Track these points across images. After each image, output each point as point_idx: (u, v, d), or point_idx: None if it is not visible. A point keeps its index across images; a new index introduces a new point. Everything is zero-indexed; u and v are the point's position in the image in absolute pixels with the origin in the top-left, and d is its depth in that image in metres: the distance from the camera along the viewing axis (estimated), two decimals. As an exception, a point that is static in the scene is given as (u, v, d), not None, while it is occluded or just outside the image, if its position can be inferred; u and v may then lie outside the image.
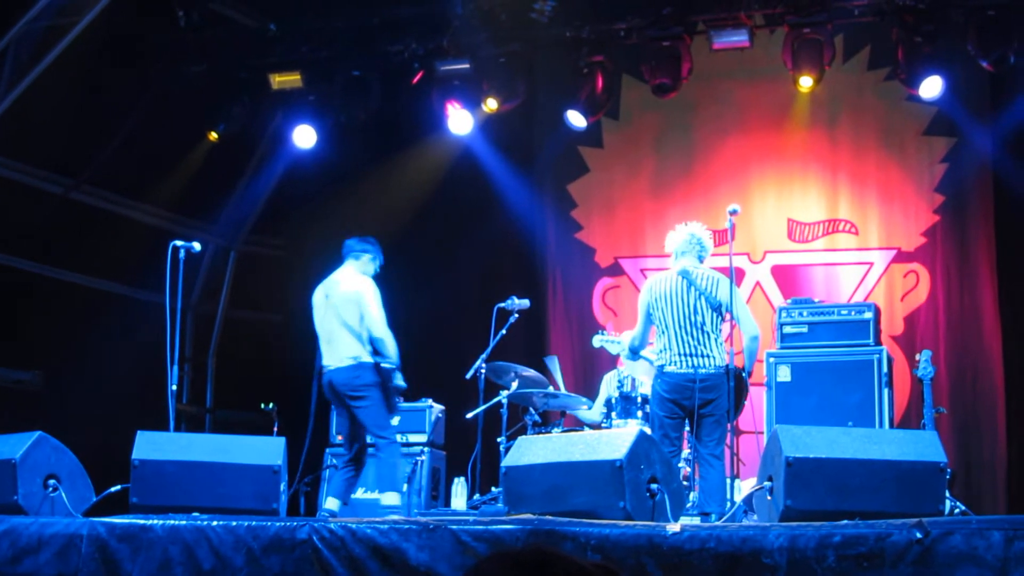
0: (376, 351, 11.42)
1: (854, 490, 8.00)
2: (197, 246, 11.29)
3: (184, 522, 8.52)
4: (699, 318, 10.61)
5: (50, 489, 9.63)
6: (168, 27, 15.17)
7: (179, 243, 11.18)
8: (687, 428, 10.82)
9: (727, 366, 10.58)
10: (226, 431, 12.93)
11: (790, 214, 15.31)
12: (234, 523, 8.39)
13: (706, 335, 10.60)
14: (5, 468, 9.50)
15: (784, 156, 15.43)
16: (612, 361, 13.58)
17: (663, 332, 10.71)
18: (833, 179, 15.24)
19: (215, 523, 8.42)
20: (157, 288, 11.19)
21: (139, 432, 9.60)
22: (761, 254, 15.25)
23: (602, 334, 12.90)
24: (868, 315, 12.73)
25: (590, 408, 13.05)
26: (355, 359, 11.40)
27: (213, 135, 15.87)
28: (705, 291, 10.65)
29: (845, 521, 7.46)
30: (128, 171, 16.12)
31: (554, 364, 13.59)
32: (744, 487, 10.78)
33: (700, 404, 10.39)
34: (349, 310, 11.52)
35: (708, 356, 10.55)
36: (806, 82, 14.02)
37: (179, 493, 9.26)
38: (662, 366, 10.69)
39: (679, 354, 10.58)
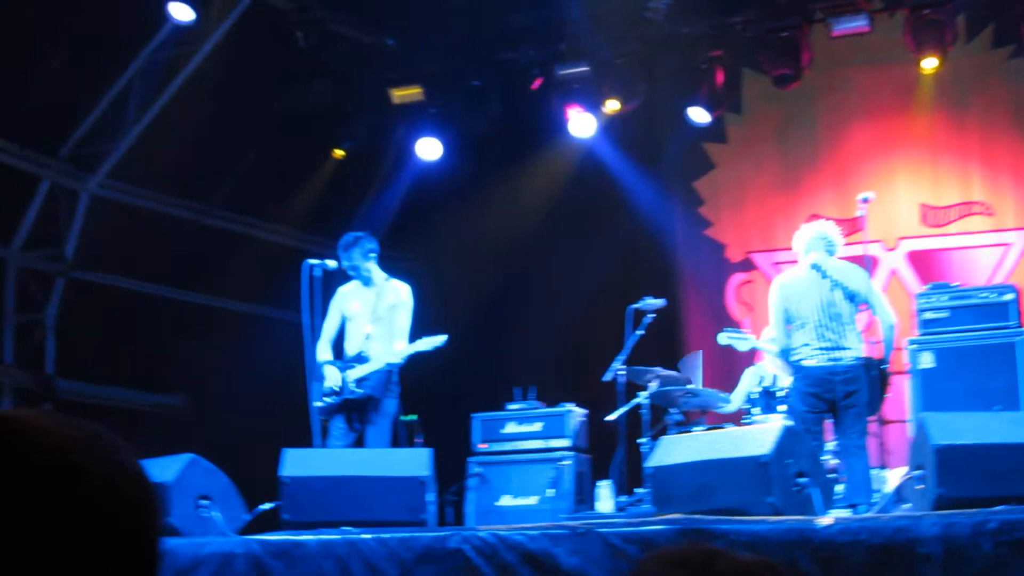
0: None
1: (1006, 475, 7.90)
2: (331, 263, 11.39)
3: (336, 537, 8.60)
4: (836, 310, 10.53)
5: (203, 509, 9.76)
6: (288, 49, 15.33)
7: (313, 261, 11.28)
8: (829, 420, 10.73)
9: (867, 357, 10.50)
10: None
11: (922, 199, 15.14)
12: (385, 535, 8.46)
13: (844, 327, 10.52)
14: (159, 491, 9.64)
15: (912, 140, 15.27)
16: (751, 356, 13.52)
17: (801, 327, 10.64)
18: (964, 161, 15.05)
19: (367, 536, 8.50)
20: (292, 307, 11.31)
21: (286, 450, 9.71)
22: (895, 241, 15.10)
23: (728, 332, 12.83)
24: (1009, 296, 12.54)
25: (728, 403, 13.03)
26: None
27: (339, 152, 16.04)
28: (840, 282, 10.57)
29: (1000, 507, 7.37)
30: (257, 193, 16.34)
31: (697, 360, 13.54)
32: (893, 477, 10.67)
33: (842, 396, 10.32)
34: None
35: (847, 348, 10.47)
36: (930, 64, 13.89)
37: (329, 508, 9.35)
38: (799, 361, 10.62)
39: (818, 348, 10.51)
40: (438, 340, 11.15)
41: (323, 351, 11.49)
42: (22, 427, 1.78)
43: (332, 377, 11.22)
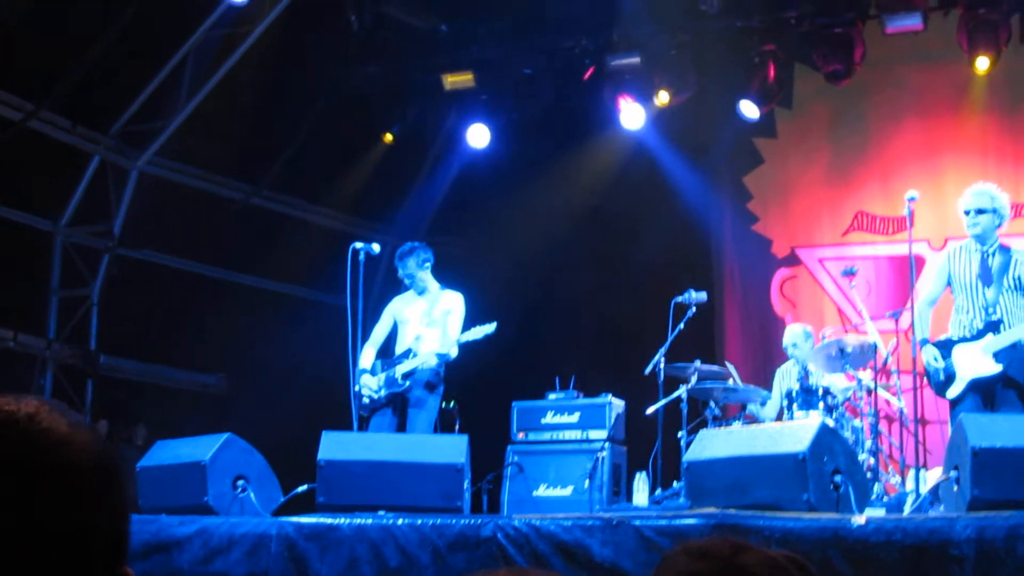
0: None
1: (1043, 479, 7.84)
2: (377, 247, 11.40)
3: (370, 521, 8.61)
4: None
5: (239, 490, 9.78)
6: (341, 31, 15.36)
7: (359, 245, 11.28)
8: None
9: None
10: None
11: (970, 199, 15.03)
12: (419, 521, 8.47)
13: None
14: (195, 470, 9.69)
15: (962, 140, 15.18)
16: (783, 355, 13.49)
17: None
18: (1015, 162, 14.95)
19: (400, 522, 8.51)
20: (338, 290, 11.32)
21: (324, 432, 9.72)
22: (942, 240, 15.01)
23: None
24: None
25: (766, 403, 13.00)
26: None
27: (388, 137, 16.05)
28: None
29: (1035, 511, 7.32)
30: (305, 175, 16.39)
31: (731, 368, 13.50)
32: (930, 477, 10.61)
33: None
34: None
35: None
36: (983, 64, 13.79)
37: (364, 492, 9.35)
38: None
39: None
40: (488, 328, 11.17)
41: (367, 356, 11.54)
42: None
43: (369, 384, 11.27)
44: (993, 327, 9.79)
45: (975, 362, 9.76)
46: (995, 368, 9.67)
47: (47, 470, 1.80)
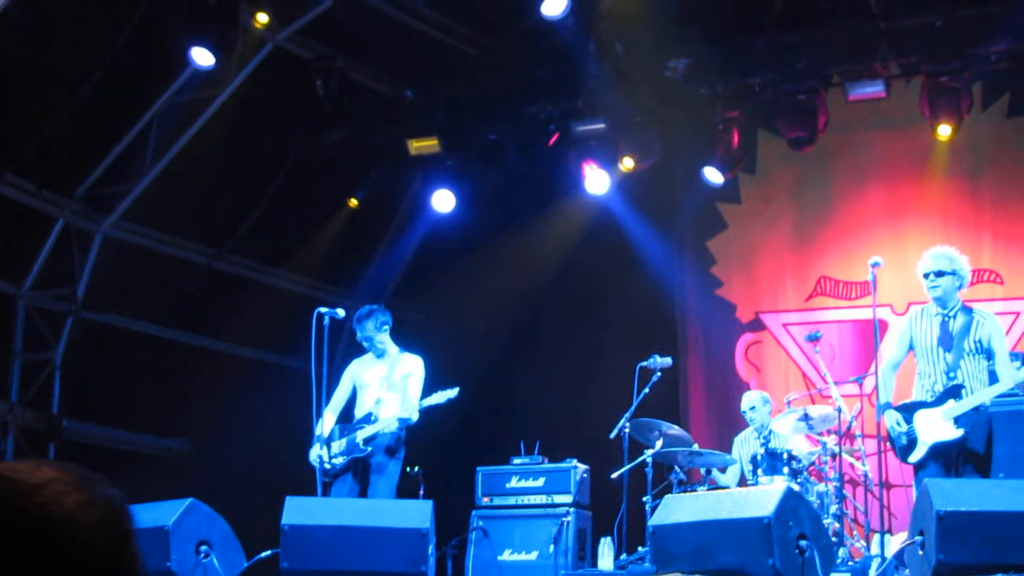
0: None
1: (1007, 543, 7.87)
2: (341, 312, 11.39)
3: (334, 586, 8.58)
4: None
5: (202, 555, 9.74)
6: (307, 96, 15.40)
7: (323, 310, 11.27)
8: None
9: None
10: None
11: (933, 265, 15.12)
12: (384, 586, 8.44)
13: None
14: (158, 535, 9.63)
15: (924, 206, 15.29)
16: (744, 421, 13.52)
17: None
18: (976, 228, 15.05)
19: (365, 587, 8.47)
20: (302, 354, 11.29)
21: (288, 497, 9.70)
22: (905, 305, 15.07)
23: None
24: (1016, 365, 12.55)
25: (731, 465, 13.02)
26: None
27: (353, 201, 16.06)
28: None
29: (999, 575, 7.34)
30: (270, 239, 16.36)
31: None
32: (895, 542, 10.62)
33: None
34: None
35: None
36: (945, 131, 13.89)
37: (329, 557, 9.32)
38: None
39: None
40: (451, 393, 11.16)
41: (327, 423, 11.46)
42: None
43: (321, 455, 11.18)
44: (954, 392, 9.83)
45: (936, 427, 9.79)
46: (956, 433, 9.71)
47: (39, 547, 1.74)
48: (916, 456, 9.85)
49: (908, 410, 9.98)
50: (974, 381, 9.84)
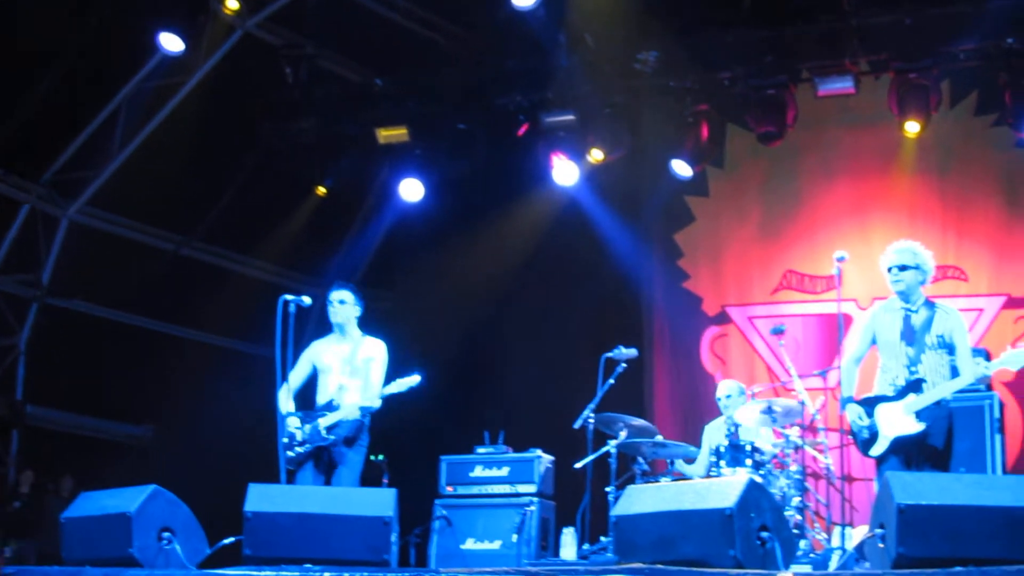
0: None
1: (967, 537, 7.88)
2: (307, 300, 11.29)
3: (297, 574, 8.56)
4: None
5: (165, 542, 9.69)
6: (277, 84, 15.37)
7: (289, 297, 11.19)
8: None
9: None
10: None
11: (898, 260, 15.17)
12: (346, 574, 8.42)
13: None
14: (121, 521, 9.59)
15: (891, 202, 15.34)
16: (716, 411, 13.53)
17: None
18: (941, 225, 15.12)
19: (327, 574, 8.46)
20: (267, 342, 11.25)
21: (251, 485, 9.66)
22: (869, 300, 15.10)
23: None
24: (978, 360, 12.63)
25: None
26: None
27: (321, 190, 16.01)
28: None
29: (958, 568, 7.37)
30: (237, 227, 16.32)
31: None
32: (856, 534, 10.66)
33: None
34: None
35: None
36: (912, 128, 13.93)
37: (291, 545, 9.28)
38: None
39: None
40: (412, 380, 11.09)
41: (285, 401, 11.37)
42: None
43: (295, 427, 11.12)
44: (915, 386, 9.86)
45: (897, 421, 9.82)
46: (917, 427, 9.73)
47: None
48: (877, 450, 9.87)
49: (870, 404, 10.00)
50: (935, 375, 9.86)
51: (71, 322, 15.40)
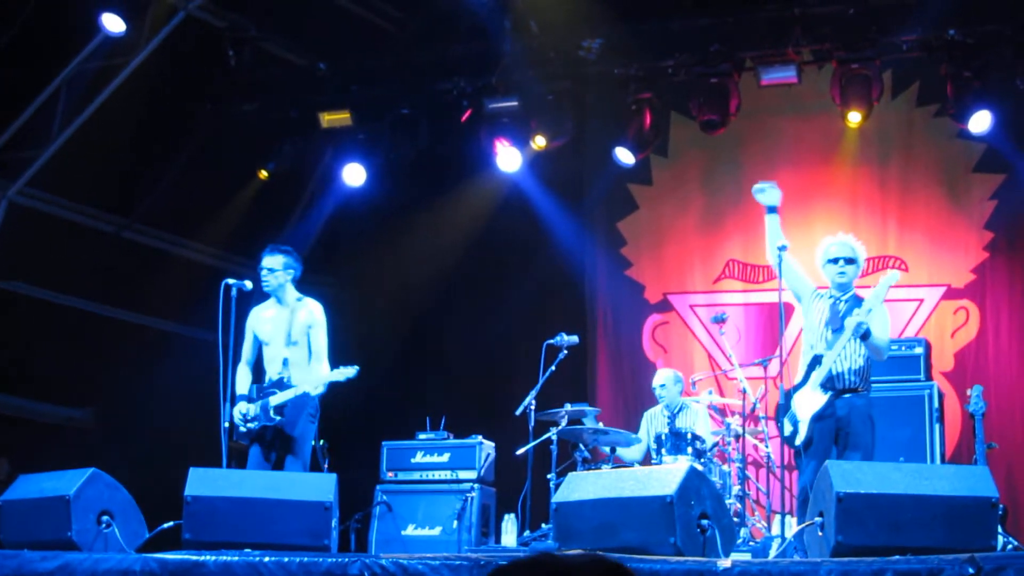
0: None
1: (905, 525, 7.96)
2: (249, 284, 11.27)
3: (236, 558, 8.55)
4: None
5: (103, 525, 9.68)
6: (219, 67, 15.29)
7: (231, 281, 11.17)
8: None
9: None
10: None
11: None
12: (286, 559, 8.42)
13: None
14: (59, 504, 9.57)
15: (833, 192, 15.42)
16: (652, 399, 13.58)
17: None
18: (882, 215, 15.22)
19: (267, 559, 8.45)
20: (209, 326, 11.21)
21: (192, 469, 9.65)
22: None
23: None
24: (919, 351, 12.78)
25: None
26: None
27: (263, 173, 15.95)
28: None
29: (897, 557, 7.43)
30: (179, 210, 16.21)
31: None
32: (795, 522, 10.74)
33: None
34: None
35: None
36: (855, 118, 14.00)
37: (231, 529, 9.28)
38: None
39: None
40: (349, 371, 11.04)
41: (243, 378, 11.31)
42: None
43: (244, 410, 11.05)
44: (815, 363, 10.04)
45: (808, 401, 9.97)
46: (825, 397, 9.91)
47: None
48: (802, 436, 9.99)
49: (788, 397, 10.17)
50: (847, 361, 10.01)
51: (10, 304, 15.27)
